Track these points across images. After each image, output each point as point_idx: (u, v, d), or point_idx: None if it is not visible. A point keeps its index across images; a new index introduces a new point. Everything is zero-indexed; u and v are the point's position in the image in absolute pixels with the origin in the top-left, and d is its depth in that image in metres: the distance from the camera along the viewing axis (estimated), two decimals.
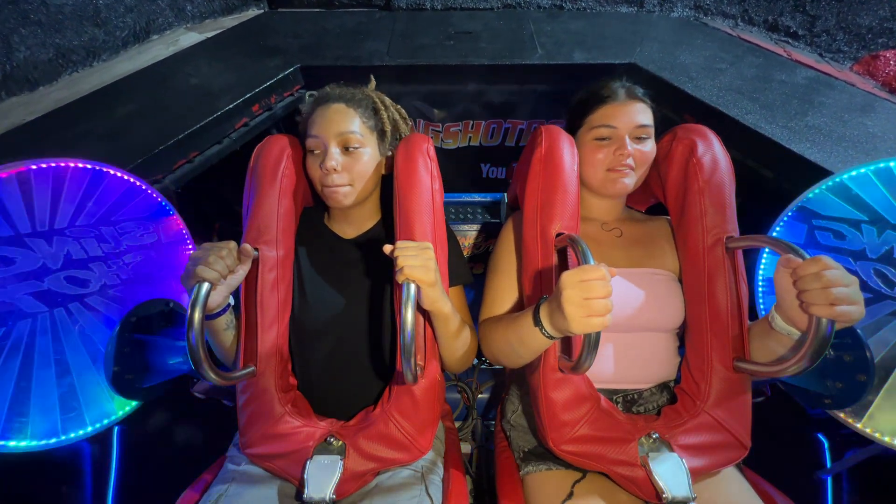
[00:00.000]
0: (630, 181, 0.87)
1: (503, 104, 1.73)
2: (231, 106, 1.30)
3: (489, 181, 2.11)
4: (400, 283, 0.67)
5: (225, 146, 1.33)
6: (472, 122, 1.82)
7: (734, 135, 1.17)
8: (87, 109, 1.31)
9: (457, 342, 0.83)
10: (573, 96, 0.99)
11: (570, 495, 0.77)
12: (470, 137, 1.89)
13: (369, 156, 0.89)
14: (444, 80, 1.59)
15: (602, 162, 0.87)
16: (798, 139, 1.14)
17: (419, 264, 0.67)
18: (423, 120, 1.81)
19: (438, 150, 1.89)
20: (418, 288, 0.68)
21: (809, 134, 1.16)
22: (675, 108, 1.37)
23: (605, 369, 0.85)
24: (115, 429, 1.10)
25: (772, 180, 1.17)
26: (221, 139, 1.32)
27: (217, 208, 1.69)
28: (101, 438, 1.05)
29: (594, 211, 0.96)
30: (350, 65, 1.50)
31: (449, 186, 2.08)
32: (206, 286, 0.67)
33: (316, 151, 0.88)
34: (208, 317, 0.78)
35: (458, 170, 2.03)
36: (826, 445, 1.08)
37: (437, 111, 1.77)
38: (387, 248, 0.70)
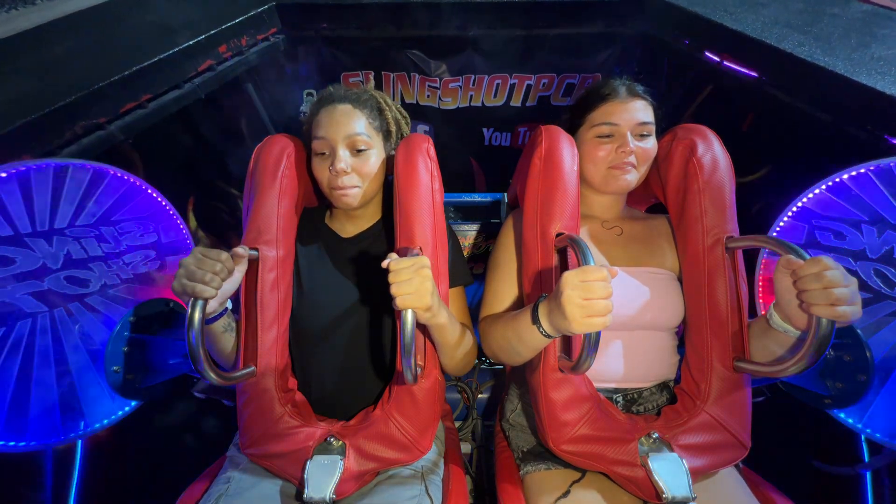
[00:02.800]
0: (632, 178, 0.87)
1: (509, 54, 1.57)
2: (192, 42, 1.12)
3: (492, 149, 1.95)
4: (397, 310, 0.67)
5: (187, 92, 1.15)
6: (473, 77, 1.67)
7: (785, 71, 1.05)
8: (22, 45, 1.14)
9: (456, 350, 0.83)
10: (574, 97, 0.98)
11: (567, 493, 0.77)
12: (471, 96, 1.74)
13: (376, 156, 0.89)
14: (443, 23, 1.44)
15: (604, 159, 0.87)
16: (865, 71, 0.99)
17: (412, 290, 0.65)
18: (418, 74, 1.66)
19: (435, 111, 1.78)
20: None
21: (877, 66, 1.01)
22: (712, 47, 1.22)
23: (605, 368, 0.85)
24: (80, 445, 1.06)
25: (829, 125, 1.03)
26: (181, 83, 1.14)
27: (189, 178, 1.50)
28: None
29: (595, 209, 0.96)
30: (335, 3, 1.35)
31: (448, 153, 1.86)
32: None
33: (324, 153, 0.87)
34: (205, 321, 0.78)
35: (458, 135, 1.89)
36: (863, 438, 1.03)
37: (433, 63, 1.62)
38: (383, 264, 0.68)
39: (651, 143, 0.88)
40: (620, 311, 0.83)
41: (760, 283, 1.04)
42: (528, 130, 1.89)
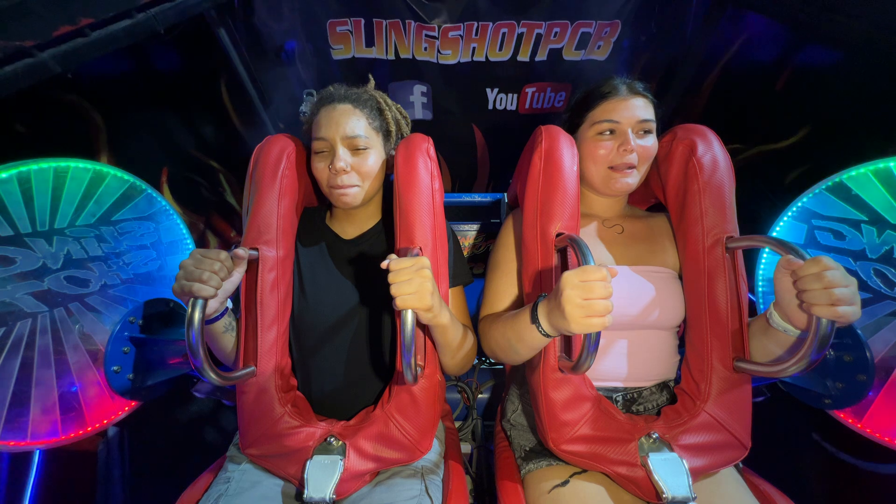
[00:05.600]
0: (633, 181, 0.87)
1: None
2: None
3: (496, 114, 1.75)
4: (397, 310, 0.67)
5: (139, 22, 0.98)
6: (476, 25, 1.47)
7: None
8: None
9: (457, 350, 0.83)
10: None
11: (566, 482, 0.78)
12: (474, 48, 1.53)
13: (376, 156, 0.89)
14: None
15: (605, 158, 0.87)
16: None
17: (412, 291, 0.66)
18: (414, 21, 1.48)
19: (433, 68, 1.60)
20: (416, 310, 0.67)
21: None
22: None
23: (606, 367, 0.85)
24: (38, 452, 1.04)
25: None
26: (131, 11, 0.97)
27: (162, 146, 1.35)
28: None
29: (595, 207, 0.96)
30: None
31: (447, 119, 1.73)
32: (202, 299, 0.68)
33: (323, 152, 0.87)
34: (206, 321, 0.78)
35: (459, 96, 1.70)
36: None
37: (431, 5, 1.44)
38: (383, 265, 0.68)
39: (652, 141, 0.88)
40: (621, 310, 0.83)
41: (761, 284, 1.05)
42: (537, 92, 1.70)
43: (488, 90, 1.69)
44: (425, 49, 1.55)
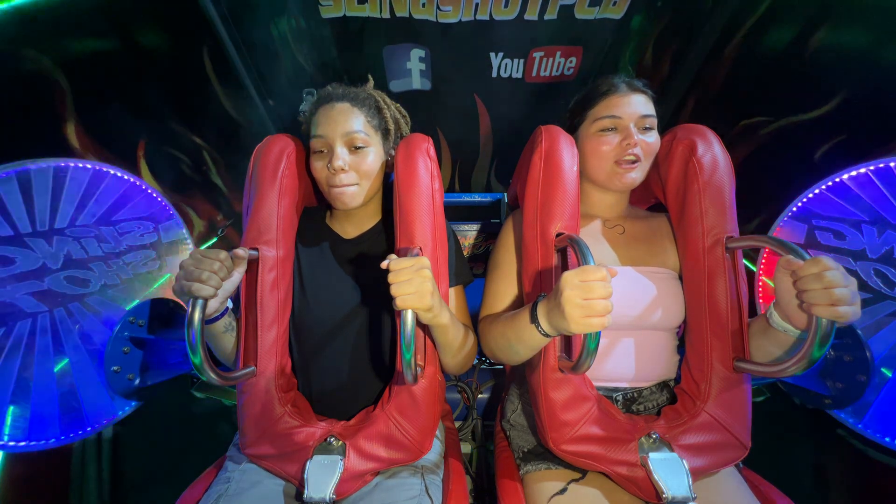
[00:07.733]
0: (637, 175, 0.87)
1: None
2: None
3: (501, 82, 1.61)
4: (397, 311, 0.67)
5: None
6: None
7: None
8: None
9: (458, 350, 0.83)
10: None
11: (564, 490, 0.78)
12: (477, 4, 1.39)
13: (375, 155, 0.89)
14: None
15: (609, 154, 0.87)
16: None
17: (412, 291, 0.66)
18: None
19: (433, 28, 1.48)
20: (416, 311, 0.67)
21: None
22: None
23: (606, 367, 0.85)
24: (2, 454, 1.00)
25: None
26: None
27: (138, 116, 1.22)
28: None
29: (597, 208, 0.96)
30: None
31: (448, 88, 1.59)
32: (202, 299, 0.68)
33: (322, 151, 0.88)
34: (206, 321, 0.78)
35: (461, 62, 1.56)
36: None
37: None
38: (383, 265, 0.68)
39: (654, 137, 0.88)
40: (622, 310, 0.83)
41: (760, 284, 1.05)
42: (545, 57, 1.56)
43: (492, 55, 1.54)
44: (423, 6, 1.42)
